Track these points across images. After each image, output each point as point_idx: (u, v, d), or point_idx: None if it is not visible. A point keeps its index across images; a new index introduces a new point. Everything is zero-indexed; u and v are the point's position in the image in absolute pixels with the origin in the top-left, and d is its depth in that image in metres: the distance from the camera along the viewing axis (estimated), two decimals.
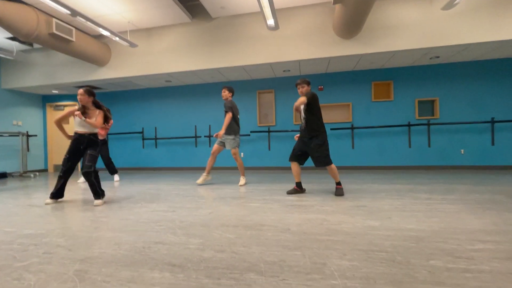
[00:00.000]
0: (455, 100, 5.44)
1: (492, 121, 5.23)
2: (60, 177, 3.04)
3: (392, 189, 3.42)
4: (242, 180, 4.05)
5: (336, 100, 5.93)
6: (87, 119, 2.91)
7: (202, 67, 5.14)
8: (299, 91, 3.16)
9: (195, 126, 6.61)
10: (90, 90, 3.01)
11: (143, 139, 6.91)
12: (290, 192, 3.27)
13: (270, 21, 3.98)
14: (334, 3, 3.84)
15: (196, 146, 6.64)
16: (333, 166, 3.08)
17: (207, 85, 6.57)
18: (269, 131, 6.19)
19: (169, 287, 1.21)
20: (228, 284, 1.22)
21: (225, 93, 4.00)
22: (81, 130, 2.99)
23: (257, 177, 4.98)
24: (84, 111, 2.97)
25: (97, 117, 3.00)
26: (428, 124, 5.50)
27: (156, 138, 6.82)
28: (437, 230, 1.86)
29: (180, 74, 5.59)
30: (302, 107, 3.08)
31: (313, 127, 3.07)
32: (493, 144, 5.29)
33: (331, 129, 5.88)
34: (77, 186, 4.38)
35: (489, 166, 5.29)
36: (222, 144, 4.03)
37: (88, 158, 2.95)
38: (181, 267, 1.40)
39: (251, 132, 6.26)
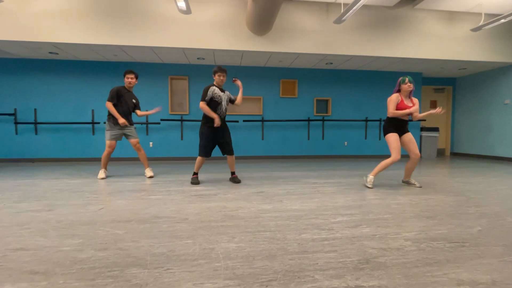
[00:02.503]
0: (342, 100, 6.56)
1: (366, 120, 6.60)
2: None
3: (289, 175, 3.88)
4: (149, 172, 3.78)
5: (249, 93, 6.20)
6: None
7: (99, 42, 4.42)
8: (220, 79, 3.20)
9: (93, 110, 5.68)
10: None
11: (16, 123, 5.48)
12: (194, 183, 3.27)
13: (181, 3, 3.76)
14: None
15: (93, 134, 5.74)
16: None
17: (108, 64, 5.72)
18: (182, 120, 5.95)
19: None
20: (104, 283, 1.13)
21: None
22: None
23: (167, 168, 4.74)
24: None
25: None
26: (323, 120, 6.46)
27: (36, 123, 5.51)
28: (314, 208, 2.24)
29: (70, 46, 4.64)
30: (228, 98, 3.30)
31: (224, 118, 3.33)
32: (366, 138, 6.69)
33: (244, 120, 6.14)
34: None
35: (363, 156, 6.69)
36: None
37: None
38: (46, 274, 1.21)
39: (161, 120, 5.86)
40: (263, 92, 6.26)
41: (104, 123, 5.69)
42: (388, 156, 6.61)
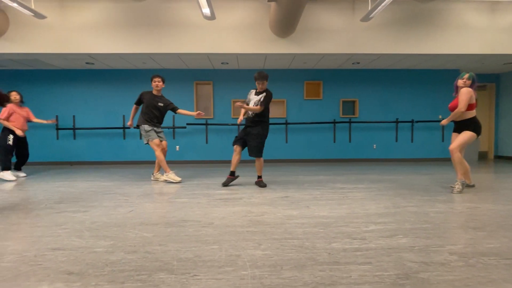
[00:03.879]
0: (370, 101, 6.27)
1: (397, 121, 6.24)
2: None
3: (315, 180, 3.76)
4: (162, 176, 3.77)
5: (272, 96, 6.14)
6: None
7: (130, 51, 4.65)
8: (259, 86, 3.25)
9: (123, 116, 5.98)
10: None
11: (57, 128, 5.93)
12: (225, 184, 3.29)
13: (206, 10, 3.83)
14: (269, 0, 3.93)
15: (124, 139, 6.04)
16: (261, 159, 3.24)
17: (138, 71, 6.00)
18: (206, 124, 6.05)
19: None
20: (133, 287, 1.14)
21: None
22: None
23: (192, 171, 4.84)
24: None
25: None
26: (350, 122, 6.22)
27: (74, 128, 5.93)
28: (343, 215, 2.12)
29: (104, 56, 4.94)
30: (257, 100, 3.25)
31: (259, 114, 3.23)
32: (396, 140, 6.32)
33: None
34: None
35: (393, 159, 6.32)
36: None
37: None
38: (80, 274, 1.25)
39: (187, 124, 6.01)
40: (287, 95, 6.18)
41: (136, 127, 5.95)
42: (415, 159, 6.24)
